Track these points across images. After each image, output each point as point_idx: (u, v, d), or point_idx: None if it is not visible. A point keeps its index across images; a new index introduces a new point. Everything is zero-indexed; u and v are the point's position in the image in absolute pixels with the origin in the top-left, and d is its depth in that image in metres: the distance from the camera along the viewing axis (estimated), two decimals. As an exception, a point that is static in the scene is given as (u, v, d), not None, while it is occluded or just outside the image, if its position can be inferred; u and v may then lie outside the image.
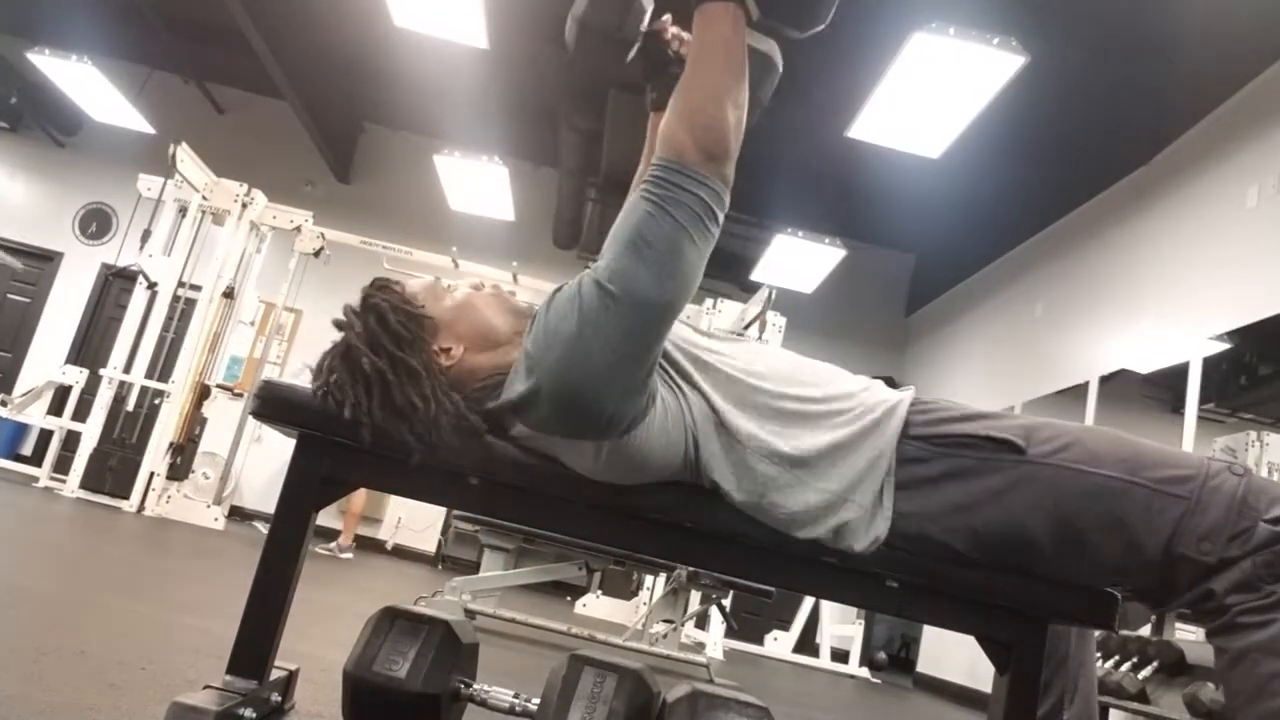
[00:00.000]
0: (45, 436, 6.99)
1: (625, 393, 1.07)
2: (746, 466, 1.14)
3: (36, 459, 6.93)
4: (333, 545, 6.55)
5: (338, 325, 1.20)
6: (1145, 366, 5.03)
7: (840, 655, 6.82)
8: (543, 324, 1.10)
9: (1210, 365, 4.34)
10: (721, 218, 1.11)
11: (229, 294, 6.49)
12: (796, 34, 1.11)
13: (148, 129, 8.19)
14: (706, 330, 1.29)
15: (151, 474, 5.94)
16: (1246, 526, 1.01)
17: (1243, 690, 0.98)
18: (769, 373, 1.20)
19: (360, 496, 6.65)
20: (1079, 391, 5.49)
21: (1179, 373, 4.48)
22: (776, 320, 5.99)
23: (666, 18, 1.34)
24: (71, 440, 6.21)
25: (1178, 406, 4.43)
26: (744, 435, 1.14)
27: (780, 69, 1.27)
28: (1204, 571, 1.03)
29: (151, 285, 6.23)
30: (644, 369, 1.08)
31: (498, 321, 1.22)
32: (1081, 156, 5.76)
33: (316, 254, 6.72)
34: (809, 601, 6.79)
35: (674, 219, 1.06)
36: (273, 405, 1.19)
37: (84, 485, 5.93)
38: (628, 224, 1.08)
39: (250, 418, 5.31)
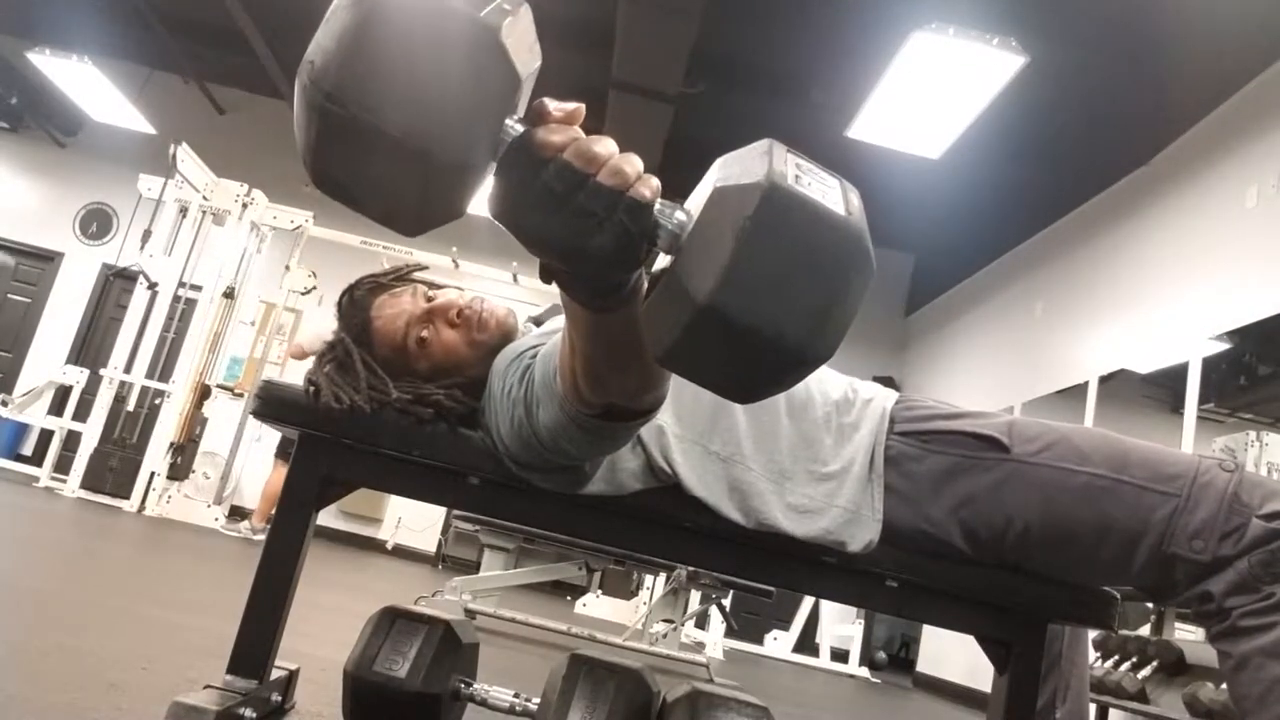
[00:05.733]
0: (46, 436, 6.99)
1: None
2: (718, 476, 1.13)
3: (37, 459, 6.93)
4: (243, 525, 6.01)
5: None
6: (1145, 366, 5.03)
7: (840, 655, 6.82)
8: (490, 409, 1.11)
9: (1210, 365, 4.33)
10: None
11: (229, 294, 6.50)
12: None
13: (148, 129, 8.19)
14: None
15: (152, 474, 5.95)
16: (1239, 523, 1.00)
17: (1250, 695, 0.97)
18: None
19: (278, 477, 5.74)
20: (1078, 391, 5.48)
21: (1178, 373, 4.47)
22: (777, 320, 5.99)
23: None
24: (72, 440, 6.22)
25: (1177, 406, 4.43)
26: (718, 447, 1.14)
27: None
28: (1200, 570, 1.01)
29: (152, 285, 6.24)
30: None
31: (463, 360, 1.23)
32: (1081, 156, 5.75)
33: (306, 293, 6.65)
34: (809, 601, 6.78)
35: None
36: (273, 405, 1.19)
37: (84, 485, 5.93)
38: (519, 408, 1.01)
39: (250, 418, 5.31)
